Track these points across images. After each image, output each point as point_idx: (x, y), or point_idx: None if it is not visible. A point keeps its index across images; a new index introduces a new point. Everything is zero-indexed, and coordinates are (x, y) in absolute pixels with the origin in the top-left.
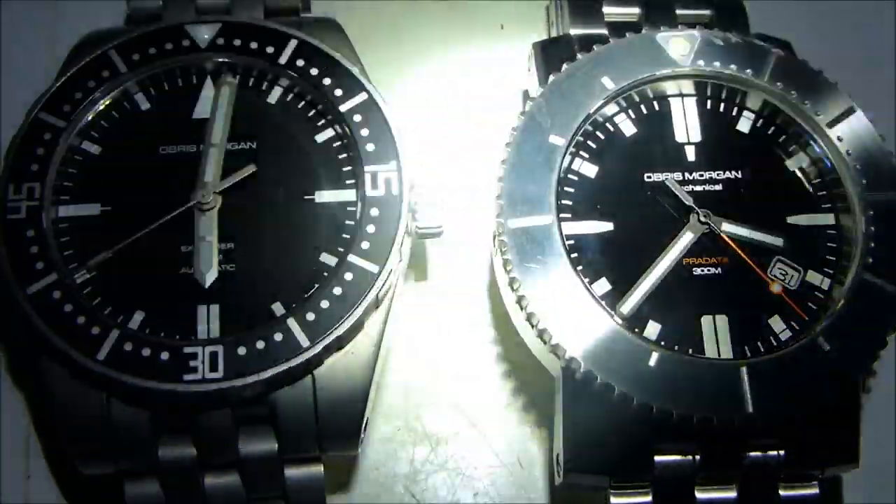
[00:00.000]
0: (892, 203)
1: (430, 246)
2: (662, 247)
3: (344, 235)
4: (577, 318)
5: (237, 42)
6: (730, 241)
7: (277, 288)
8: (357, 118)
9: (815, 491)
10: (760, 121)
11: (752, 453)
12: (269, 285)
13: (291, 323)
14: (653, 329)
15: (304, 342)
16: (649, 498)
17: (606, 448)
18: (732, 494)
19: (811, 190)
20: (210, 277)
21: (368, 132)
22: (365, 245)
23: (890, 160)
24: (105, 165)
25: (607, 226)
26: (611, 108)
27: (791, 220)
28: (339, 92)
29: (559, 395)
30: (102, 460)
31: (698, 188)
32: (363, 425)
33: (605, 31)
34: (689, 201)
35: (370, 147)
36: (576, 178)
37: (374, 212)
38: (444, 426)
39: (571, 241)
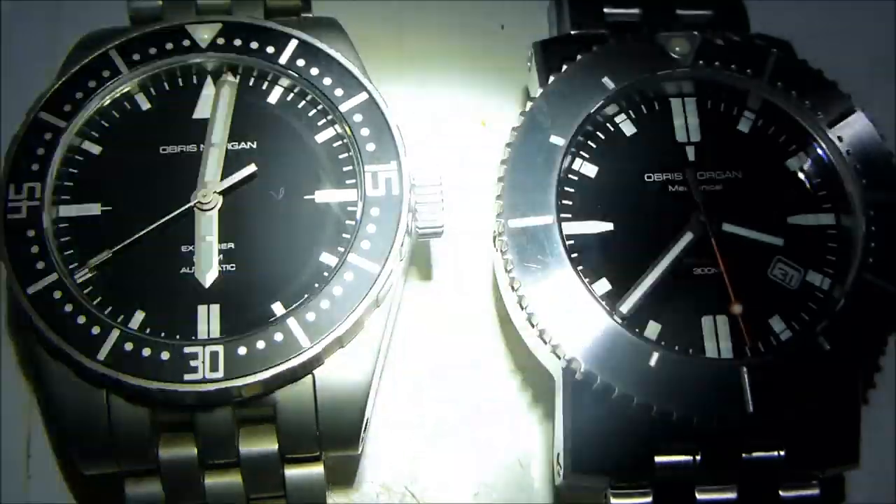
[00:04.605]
0: (892, 203)
1: (431, 246)
2: (662, 247)
3: (344, 235)
4: (578, 319)
5: (237, 42)
6: (717, 252)
7: (277, 288)
8: (357, 118)
9: (816, 492)
10: (760, 121)
11: (753, 453)
12: (269, 285)
13: (292, 323)
14: (653, 329)
15: (305, 342)
16: (650, 499)
17: (607, 448)
18: (733, 496)
19: (811, 190)
20: (210, 277)
21: (369, 132)
22: (365, 245)
23: (890, 160)
24: (105, 165)
25: (607, 226)
26: (611, 108)
27: (791, 220)
28: (339, 92)
29: (559, 396)
30: (103, 460)
31: (699, 188)
32: (364, 425)
33: (605, 31)
34: (700, 198)
35: (370, 147)
36: (576, 178)
37: (375, 211)
38: (444, 425)
39: (571, 241)
